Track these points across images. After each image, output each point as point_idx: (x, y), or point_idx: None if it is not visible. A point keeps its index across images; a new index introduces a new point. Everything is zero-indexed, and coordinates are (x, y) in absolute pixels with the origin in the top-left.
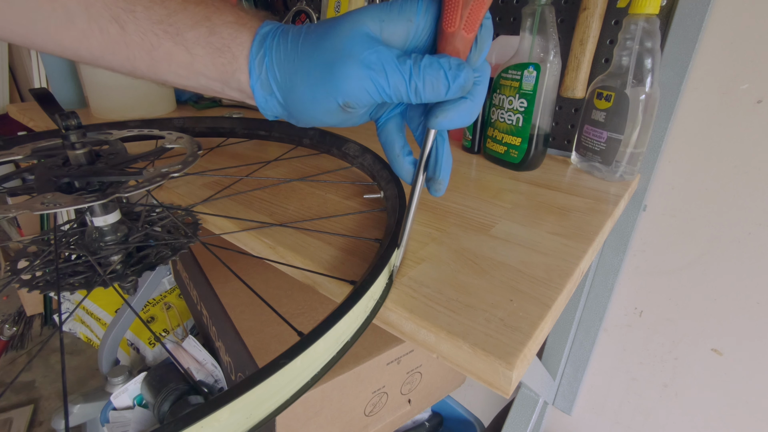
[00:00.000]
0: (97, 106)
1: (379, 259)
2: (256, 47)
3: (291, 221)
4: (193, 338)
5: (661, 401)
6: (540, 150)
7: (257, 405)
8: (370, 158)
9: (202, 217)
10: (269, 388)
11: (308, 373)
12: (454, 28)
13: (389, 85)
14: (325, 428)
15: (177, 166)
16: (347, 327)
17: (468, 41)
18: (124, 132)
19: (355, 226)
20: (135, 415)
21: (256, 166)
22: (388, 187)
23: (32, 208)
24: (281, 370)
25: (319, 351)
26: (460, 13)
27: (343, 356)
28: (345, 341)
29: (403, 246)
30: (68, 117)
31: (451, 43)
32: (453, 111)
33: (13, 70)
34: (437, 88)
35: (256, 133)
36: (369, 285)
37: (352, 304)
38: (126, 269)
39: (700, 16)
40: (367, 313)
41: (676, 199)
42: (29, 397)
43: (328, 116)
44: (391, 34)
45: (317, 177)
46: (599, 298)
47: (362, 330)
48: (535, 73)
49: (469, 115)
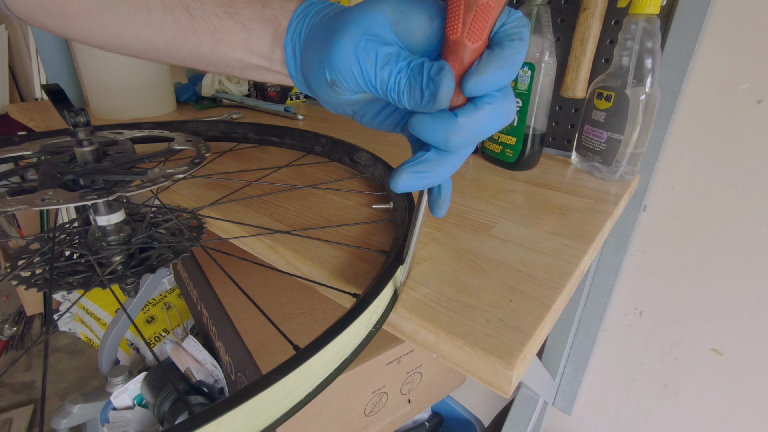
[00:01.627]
0: (97, 107)
1: (384, 273)
2: (297, 14)
3: (298, 228)
4: (193, 338)
5: (661, 401)
6: (536, 150)
7: (246, 423)
8: (382, 168)
9: (207, 221)
10: (259, 405)
11: (303, 390)
12: (456, 35)
13: (375, 78)
14: (325, 428)
15: (182, 168)
16: (347, 343)
17: (472, 52)
18: (135, 132)
19: (364, 234)
20: (135, 415)
21: (266, 171)
22: (398, 198)
23: (32, 203)
24: (273, 386)
25: (316, 367)
26: (463, 19)
27: (341, 373)
28: (344, 357)
29: (408, 262)
30: (77, 114)
31: (454, 52)
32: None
33: (13, 70)
34: (414, 93)
35: (268, 139)
36: (372, 299)
37: (352, 318)
38: (126, 270)
39: (700, 16)
40: (369, 328)
41: (676, 199)
42: (29, 397)
43: (321, 90)
44: (406, 28)
45: (327, 185)
46: (599, 298)
47: (363, 346)
48: (530, 73)
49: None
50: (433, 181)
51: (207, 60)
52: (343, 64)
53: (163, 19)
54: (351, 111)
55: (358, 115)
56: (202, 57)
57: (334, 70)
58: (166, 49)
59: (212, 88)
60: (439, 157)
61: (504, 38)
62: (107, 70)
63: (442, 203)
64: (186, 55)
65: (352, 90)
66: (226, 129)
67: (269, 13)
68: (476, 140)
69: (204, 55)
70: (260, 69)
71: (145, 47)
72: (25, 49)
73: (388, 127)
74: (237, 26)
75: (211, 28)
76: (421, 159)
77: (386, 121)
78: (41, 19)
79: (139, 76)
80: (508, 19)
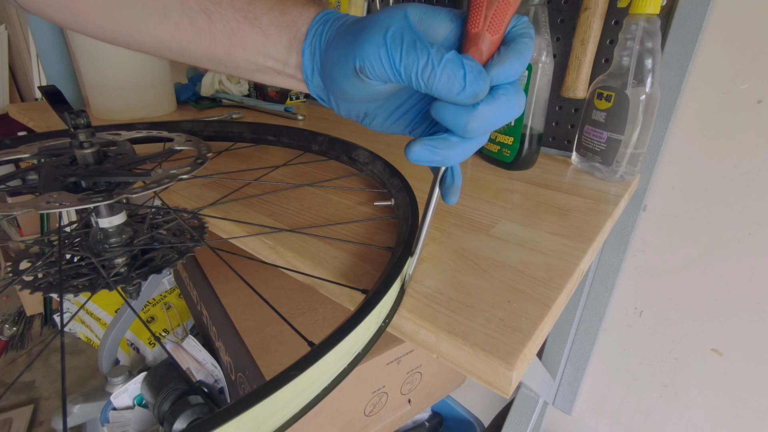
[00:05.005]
0: (98, 107)
1: (392, 268)
2: (317, 20)
3: (299, 227)
4: (193, 338)
5: (661, 401)
6: (533, 150)
7: (265, 418)
8: (381, 165)
9: (208, 221)
10: (278, 401)
11: (319, 385)
12: (478, 29)
13: (400, 61)
14: (325, 428)
15: (186, 168)
16: (359, 338)
17: (493, 44)
18: (133, 133)
19: (365, 233)
20: (135, 415)
21: (264, 170)
22: (400, 195)
23: (37, 206)
24: (291, 382)
25: (330, 362)
26: (485, 13)
27: (354, 368)
28: (357, 352)
29: (417, 255)
30: (78, 115)
31: (475, 44)
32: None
33: (13, 70)
34: (451, 85)
35: (264, 138)
36: (382, 294)
37: (364, 314)
38: (131, 272)
39: (700, 16)
40: (379, 323)
41: (676, 199)
42: (29, 397)
43: (346, 81)
44: (429, 26)
45: (327, 183)
46: (599, 298)
47: (374, 341)
48: (527, 73)
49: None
50: (443, 160)
51: (219, 60)
52: (373, 49)
53: (179, 20)
54: (364, 112)
55: (369, 117)
56: (214, 58)
57: (362, 56)
58: (179, 48)
59: (212, 88)
60: (456, 139)
61: (517, 35)
62: (107, 70)
63: (455, 190)
64: (198, 55)
65: (377, 77)
66: (222, 128)
67: (288, 19)
68: (491, 128)
69: (217, 56)
70: (272, 72)
71: (157, 46)
72: (25, 49)
73: (398, 127)
74: (255, 30)
75: (229, 31)
76: (438, 137)
77: (399, 120)
78: (48, 11)
79: (140, 75)
80: (518, 22)
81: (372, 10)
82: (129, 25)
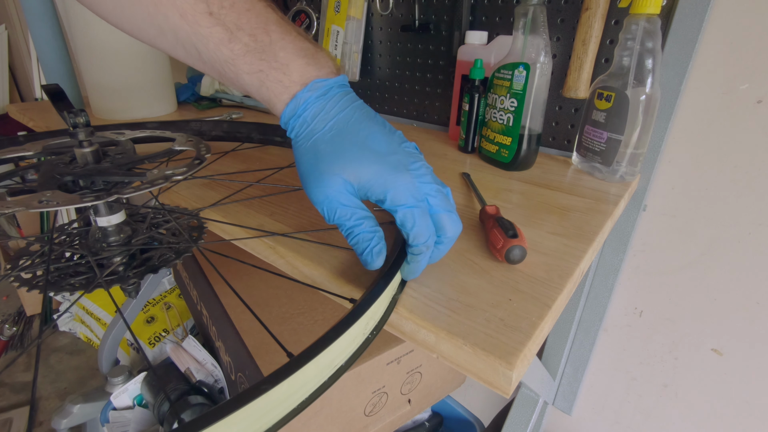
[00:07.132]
0: (98, 107)
1: (381, 277)
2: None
3: (299, 228)
4: (193, 338)
5: (661, 401)
6: (531, 150)
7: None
8: None
9: (208, 222)
10: (249, 415)
11: (296, 398)
12: None
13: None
14: (325, 428)
15: (182, 169)
16: (342, 350)
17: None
18: (137, 133)
19: None
20: (135, 415)
21: (268, 171)
22: None
23: (29, 205)
24: (263, 395)
25: (310, 375)
26: None
27: (336, 381)
28: (339, 365)
29: None
30: (77, 114)
31: None
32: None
33: (13, 70)
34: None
35: (271, 139)
36: (368, 305)
37: (347, 325)
38: (128, 271)
39: (700, 16)
40: (366, 334)
41: (676, 199)
42: (29, 397)
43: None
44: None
45: None
46: (599, 298)
47: (359, 353)
48: (525, 73)
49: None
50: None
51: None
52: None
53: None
54: None
55: None
56: (213, 74)
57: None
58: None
59: (212, 88)
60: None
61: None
62: (107, 70)
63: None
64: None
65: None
66: (230, 129)
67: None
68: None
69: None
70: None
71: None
72: (25, 49)
73: None
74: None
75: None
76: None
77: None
78: None
79: (140, 75)
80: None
81: (372, 9)
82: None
